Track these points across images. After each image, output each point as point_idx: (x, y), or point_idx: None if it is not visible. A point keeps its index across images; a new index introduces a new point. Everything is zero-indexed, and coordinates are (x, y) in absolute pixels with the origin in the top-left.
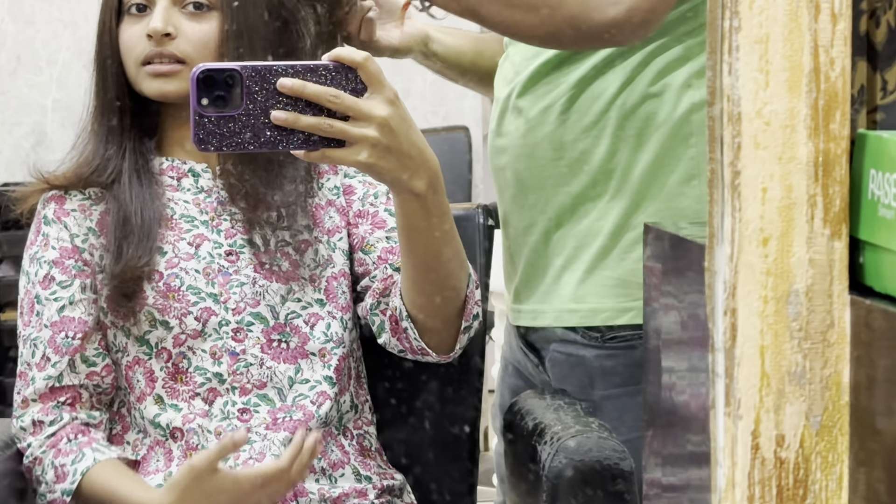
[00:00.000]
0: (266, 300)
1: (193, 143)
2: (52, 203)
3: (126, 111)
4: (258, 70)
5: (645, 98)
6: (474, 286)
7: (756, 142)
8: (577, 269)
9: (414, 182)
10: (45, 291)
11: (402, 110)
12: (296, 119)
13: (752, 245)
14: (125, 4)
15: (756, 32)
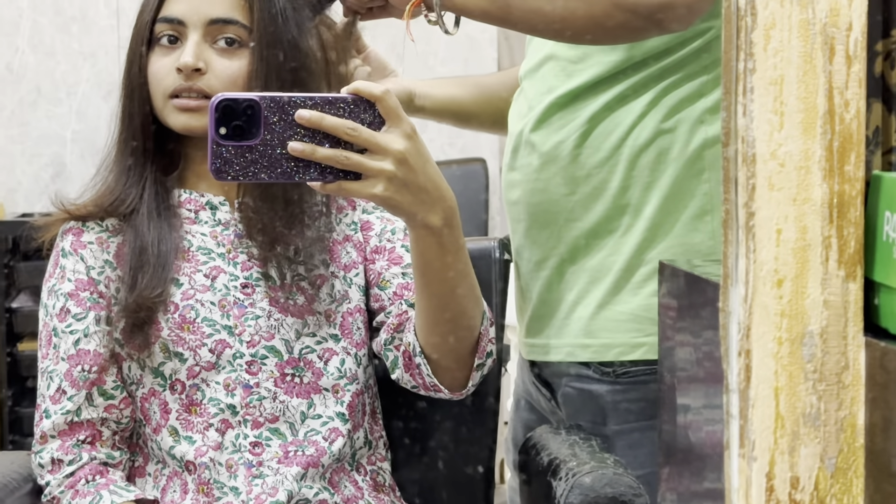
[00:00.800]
0: (281, 334)
1: (210, 172)
2: (70, 235)
3: (149, 142)
4: (277, 101)
5: (658, 134)
6: (488, 323)
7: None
8: (590, 303)
9: (430, 217)
10: (61, 324)
11: (419, 144)
12: (313, 150)
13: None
14: (156, 35)
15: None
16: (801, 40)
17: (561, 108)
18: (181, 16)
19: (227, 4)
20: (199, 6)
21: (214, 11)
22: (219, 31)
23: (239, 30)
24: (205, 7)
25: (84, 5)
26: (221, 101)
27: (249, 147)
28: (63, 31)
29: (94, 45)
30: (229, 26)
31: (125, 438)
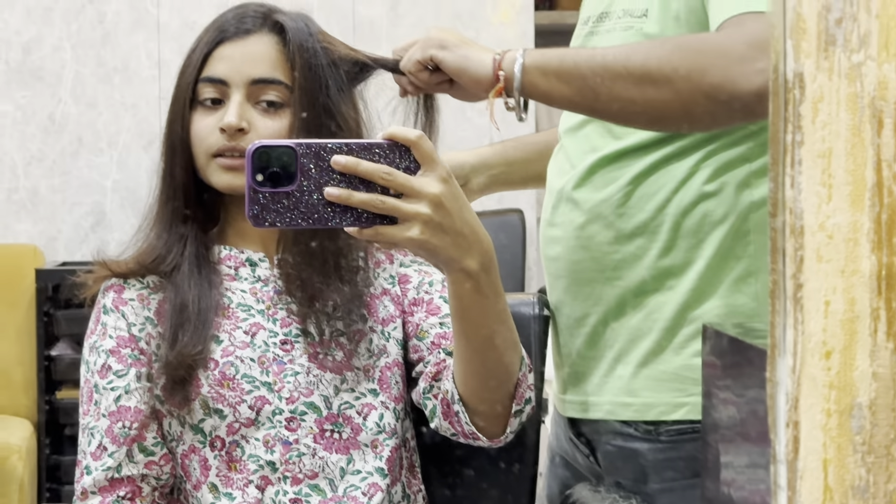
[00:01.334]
0: (320, 390)
1: (248, 219)
2: (112, 292)
3: (191, 199)
4: (313, 147)
5: (703, 196)
6: (527, 370)
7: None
8: (631, 361)
9: (467, 261)
10: (102, 381)
11: (454, 188)
12: (349, 195)
13: (814, 358)
14: (199, 95)
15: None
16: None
17: (605, 167)
18: (224, 76)
19: (269, 65)
20: (241, 66)
21: (257, 72)
22: (261, 92)
23: (281, 90)
24: (247, 67)
25: (126, 57)
26: (258, 147)
27: (286, 193)
28: (105, 82)
29: (135, 95)
30: (271, 86)
31: (165, 495)
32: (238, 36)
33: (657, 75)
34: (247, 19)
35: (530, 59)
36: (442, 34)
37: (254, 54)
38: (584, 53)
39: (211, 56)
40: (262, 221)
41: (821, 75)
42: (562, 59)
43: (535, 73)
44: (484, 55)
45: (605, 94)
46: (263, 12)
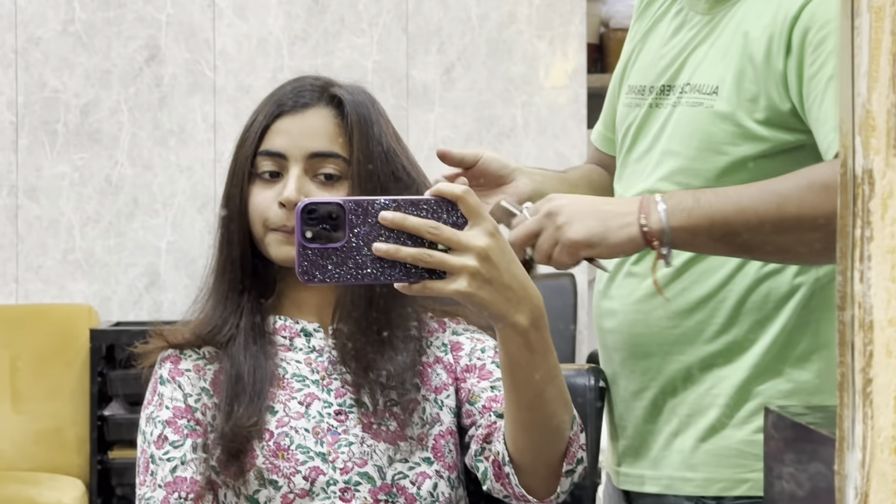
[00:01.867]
0: (374, 460)
1: (297, 275)
2: (168, 363)
3: (247, 271)
4: (361, 204)
5: (766, 274)
6: (578, 429)
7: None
8: (690, 436)
9: (516, 316)
10: (158, 451)
11: (502, 242)
12: (396, 250)
13: (884, 453)
14: (257, 168)
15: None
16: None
17: None
18: (283, 150)
19: (326, 138)
20: (299, 140)
21: (315, 146)
22: (319, 165)
23: (338, 163)
24: (305, 141)
25: (182, 120)
26: (307, 205)
27: (335, 249)
28: (161, 145)
29: (190, 158)
30: (329, 160)
31: None
32: (296, 110)
33: (816, 221)
34: (304, 93)
35: (676, 221)
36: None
37: (312, 128)
38: (730, 206)
39: (269, 129)
40: (310, 278)
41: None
42: (711, 217)
43: (684, 234)
44: (623, 220)
45: (760, 247)
46: (321, 85)
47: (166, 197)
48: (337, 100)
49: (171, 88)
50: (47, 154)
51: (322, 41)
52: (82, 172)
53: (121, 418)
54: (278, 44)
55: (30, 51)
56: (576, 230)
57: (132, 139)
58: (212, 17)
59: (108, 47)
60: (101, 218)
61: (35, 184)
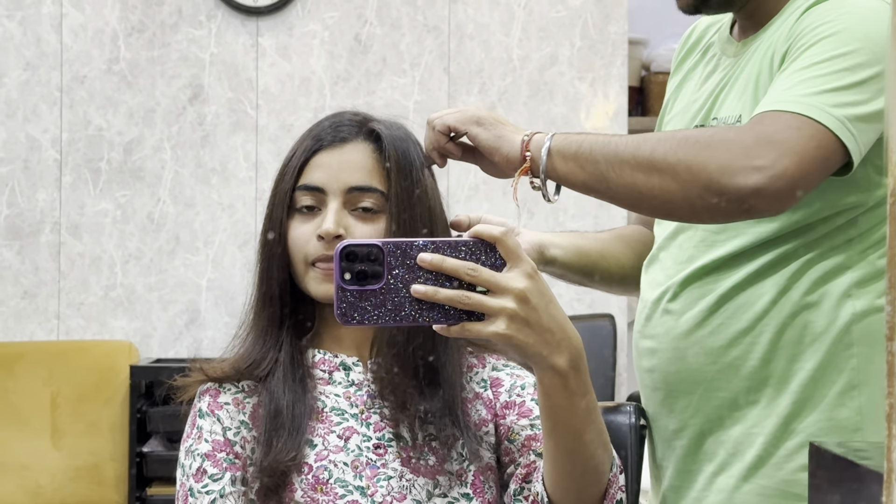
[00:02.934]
0: (413, 494)
1: (336, 317)
2: (207, 396)
3: (287, 306)
4: (399, 246)
5: (802, 308)
6: (618, 470)
7: None
8: (732, 475)
9: (555, 358)
10: (197, 484)
11: (540, 284)
12: (435, 292)
13: None
14: (296, 203)
15: None
16: None
17: (701, 278)
18: (322, 184)
19: (365, 173)
20: (338, 175)
21: (353, 180)
22: (357, 199)
23: (377, 198)
24: (344, 176)
25: (224, 158)
26: (346, 247)
27: (373, 291)
28: (203, 183)
29: (232, 196)
30: (368, 194)
31: None
32: (334, 144)
33: (662, 165)
34: (343, 128)
35: (555, 143)
36: (479, 111)
37: (350, 163)
38: (601, 139)
39: (308, 164)
40: (349, 319)
41: None
42: (580, 143)
43: (557, 156)
44: (515, 136)
45: (615, 180)
46: (359, 120)
47: (207, 235)
48: (375, 135)
49: (213, 127)
50: (90, 191)
51: (364, 81)
52: (125, 210)
53: (160, 455)
54: (321, 83)
55: (75, 89)
56: (476, 114)
57: (174, 177)
58: (255, 56)
59: (151, 86)
60: (142, 255)
61: (78, 221)
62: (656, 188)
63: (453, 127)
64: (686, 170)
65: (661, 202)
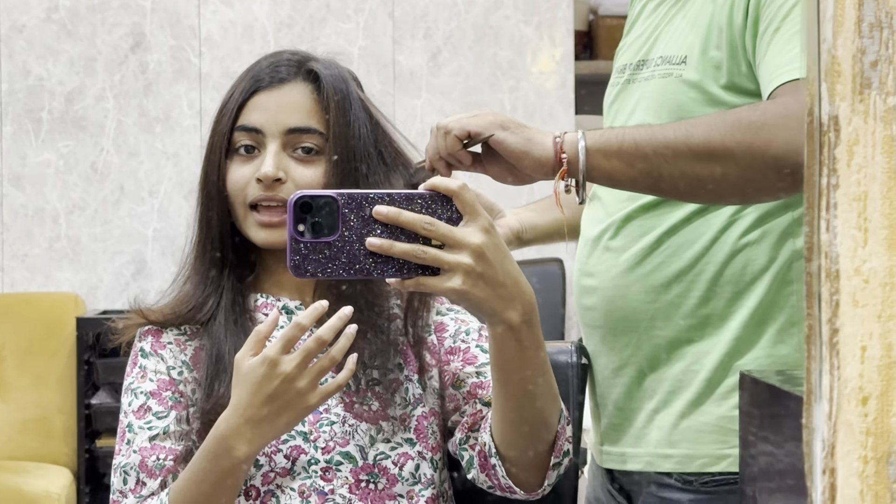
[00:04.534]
0: (355, 440)
1: (289, 269)
2: (149, 336)
3: (228, 249)
4: (354, 197)
5: (743, 246)
6: (565, 422)
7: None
8: (671, 412)
9: (508, 313)
10: (138, 421)
11: (496, 239)
12: (390, 246)
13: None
14: (234, 144)
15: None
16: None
17: (642, 216)
18: (260, 125)
19: (304, 114)
20: (276, 116)
21: (292, 121)
22: (297, 140)
23: (316, 138)
24: (282, 117)
25: (168, 107)
26: (300, 198)
27: (327, 243)
28: (147, 132)
29: (176, 145)
30: (307, 135)
31: None
32: (273, 85)
33: (720, 151)
34: (281, 68)
35: (591, 141)
36: (500, 115)
37: (289, 103)
38: (642, 132)
39: (246, 105)
40: (302, 272)
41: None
42: (622, 139)
43: (598, 155)
44: (544, 138)
45: (668, 173)
46: (298, 60)
47: (152, 184)
48: (314, 75)
49: (156, 75)
50: (32, 142)
51: (308, 27)
52: (67, 160)
53: (108, 407)
54: (264, 30)
55: (13, 38)
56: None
57: (118, 126)
58: (197, 3)
59: (92, 34)
60: (86, 205)
61: (20, 172)
62: (717, 175)
63: (475, 132)
64: (747, 152)
65: (720, 188)
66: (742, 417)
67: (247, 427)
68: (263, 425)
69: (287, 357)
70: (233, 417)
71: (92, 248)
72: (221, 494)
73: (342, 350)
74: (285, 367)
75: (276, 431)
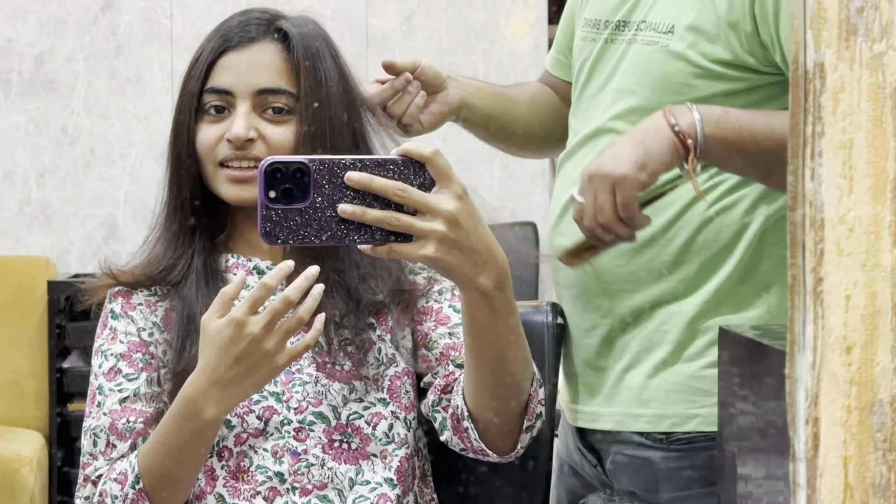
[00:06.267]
0: (328, 400)
1: (260, 236)
2: (119, 298)
3: (199, 210)
4: (326, 163)
5: (717, 211)
6: (538, 385)
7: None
8: (641, 372)
9: (481, 279)
10: (109, 383)
11: (469, 205)
12: (363, 212)
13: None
14: (204, 104)
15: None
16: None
17: None
18: (229, 86)
19: (274, 74)
20: (246, 76)
21: (262, 81)
22: (267, 101)
23: (287, 98)
24: (252, 77)
25: (139, 68)
26: (271, 164)
27: (299, 210)
28: (118, 94)
29: (147, 107)
30: (277, 95)
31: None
32: (242, 44)
33: None
34: (251, 27)
35: (709, 130)
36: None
37: (259, 64)
38: (758, 123)
39: (215, 65)
40: (274, 238)
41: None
42: (739, 131)
43: (715, 144)
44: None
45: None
46: (267, 19)
47: (123, 147)
48: (284, 33)
49: (127, 37)
50: (1, 104)
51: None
52: (37, 122)
53: (79, 370)
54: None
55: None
56: (620, 164)
57: (88, 88)
58: None
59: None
60: (57, 168)
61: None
62: None
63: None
64: None
65: None
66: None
67: (214, 389)
68: (231, 387)
69: (254, 318)
70: (200, 380)
71: (63, 212)
72: (191, 455)
73: (309, 310)
74: (252, 328)
75: (243, 393)
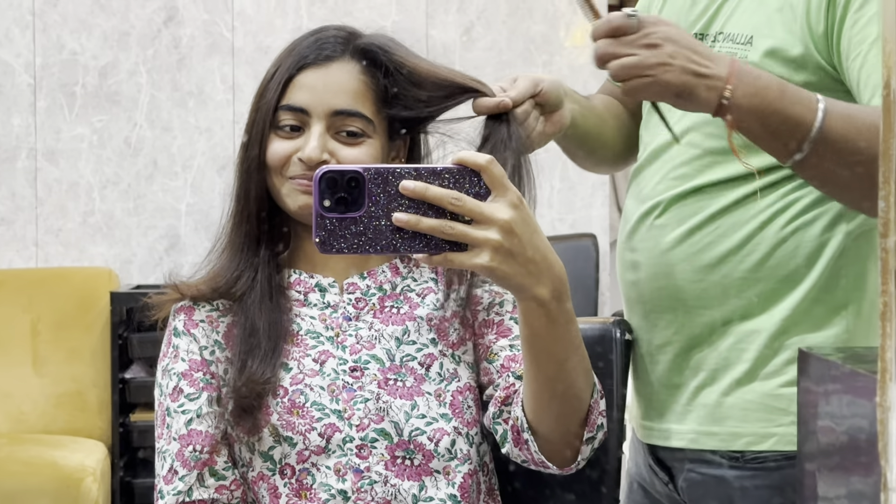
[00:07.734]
0: (390, 416)
1: (315, 245)
2: (182, 314)
3: (264, 224)
4: (381, 172)
5: (795, 229)
6: (598, 396)
7: None
8: (716, 389)
9: (538, 289)
10: (174, 404)
11: (525, 214)
12: (417, 221)
13: None
14: (278, 121)
15: None
16: None
17: (693, 197)
18: (305, 105)
19: (350, 96)
20: (323, 97)
21: (338, 103)
22: (342, 123)
23: (362, 122)
24: (329, 98)
25: (201, 81)
26: (325, 173)
27: (354, 219)
28: (180, 106)
29: (209, 119)
30: (352, 118)
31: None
32: (319, 63)
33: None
34: (327, 45)
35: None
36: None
37: (336, 84)
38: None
39: (292, 83)
40: (328, 248)
41: None
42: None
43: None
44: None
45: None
46: (344, 37)
47: (185, 159)
48: (362, 53)
49: (189, 50)
50: (66, 116)
51: (341, 1)
52: (101, 135)
53: (141, 381)
54: (297, 4)
55: (47, 12)
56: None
57: (151, 101)
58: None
59: (126, 9)
60: (120, 180)
61: (54, 146)
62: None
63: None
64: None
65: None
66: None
67: None
68: None
69: None
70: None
71: (125, 223)
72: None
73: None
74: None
75: None
